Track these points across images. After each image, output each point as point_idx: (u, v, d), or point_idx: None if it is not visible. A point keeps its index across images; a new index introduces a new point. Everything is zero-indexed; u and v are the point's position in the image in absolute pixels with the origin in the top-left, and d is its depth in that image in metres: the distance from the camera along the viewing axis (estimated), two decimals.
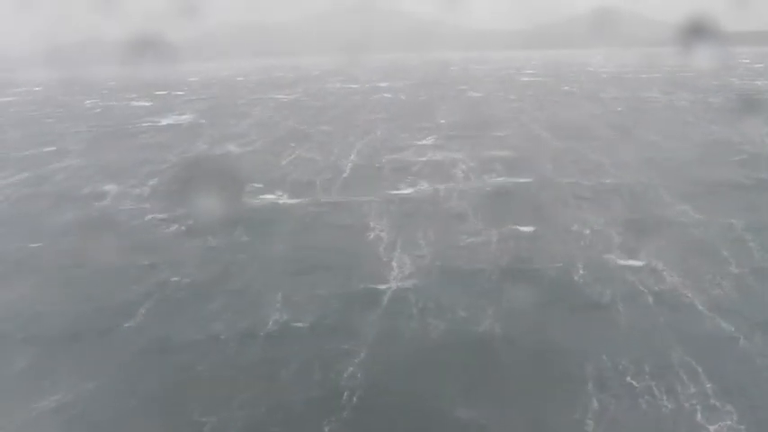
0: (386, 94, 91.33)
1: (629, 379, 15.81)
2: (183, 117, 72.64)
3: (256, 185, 34.93)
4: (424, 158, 42.11)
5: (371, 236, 26.34)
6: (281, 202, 32.03)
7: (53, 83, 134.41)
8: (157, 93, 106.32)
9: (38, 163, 44.65)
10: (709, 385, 15.19)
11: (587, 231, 25.94)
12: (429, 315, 19.03)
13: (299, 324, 18.80)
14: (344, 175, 37.62)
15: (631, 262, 22.60)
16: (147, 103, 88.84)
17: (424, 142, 48.73)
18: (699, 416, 14.33)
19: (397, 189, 33.98)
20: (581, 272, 21.78)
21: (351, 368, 16.45)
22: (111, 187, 35.68)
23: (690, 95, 71.47)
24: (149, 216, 29.93)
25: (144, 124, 66.35)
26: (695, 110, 62.40)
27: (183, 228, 27.78)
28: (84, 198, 34.16)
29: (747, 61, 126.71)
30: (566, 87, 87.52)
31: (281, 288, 21.11)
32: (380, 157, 43.18)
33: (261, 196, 32.99)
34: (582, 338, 17.90)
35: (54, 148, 50.85)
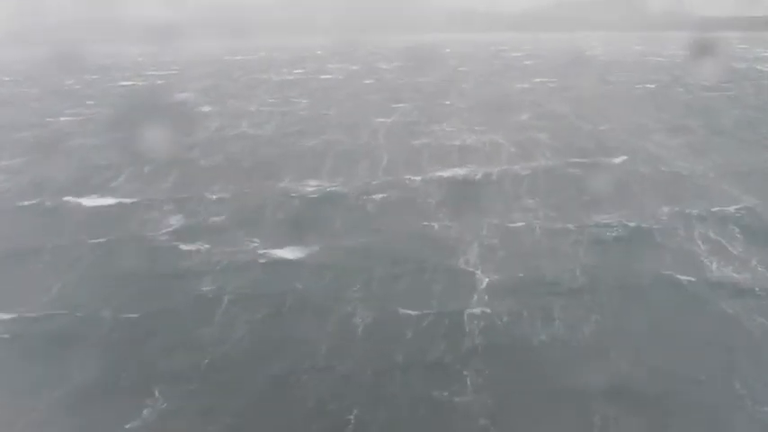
0: (389, 75, 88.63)
1: None
2: (183, 96, 69.35)
3: (295, 176, 31.90)
4: (458, 141, 40.04)
5: (436, 227, 24.23)
6: (328, 190, 29.32)
7: (37, 60, 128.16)
8: (149, 73, 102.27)
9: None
10: None
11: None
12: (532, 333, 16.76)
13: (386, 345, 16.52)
14: (383, 159, 35.25)
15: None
16: (141, 83, 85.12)
17: (450, 124, 46.62)
18: None
19: (446, 172, 31.92)
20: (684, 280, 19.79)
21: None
22: (134, 185, 31.33)
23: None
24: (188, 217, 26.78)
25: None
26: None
27: (236, 228, 24.79)
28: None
29: (745, 46, 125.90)
30: (573, 70, 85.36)
31: (358, 293, 18.93)
32: (412, 139, 41.00)
33: (304, 187, 30.08)
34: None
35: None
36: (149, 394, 14.38)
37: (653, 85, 65.33)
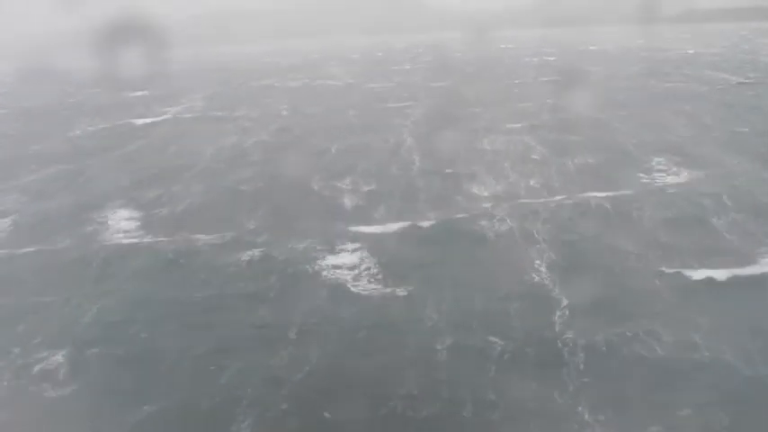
0: (397, 78, 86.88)
1: None
2: (191, 106, 67.70)
3: (331, 188, 30.41)
4: (488, 146, 38.62)
5: (495, 245, 22.70)
6: (374, 210, 26.97)
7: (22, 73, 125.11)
8: (145, 83, 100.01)
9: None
10: None
11: None
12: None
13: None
14: (418, 170, 33.56)
15: None
16: (142, 93, 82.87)
17: (474, 125, 45.28)
18: None
19: (489, 181, 30.47)
20: None
21: None
22: (165, 206, 28.91)
23: None
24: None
25: (149, 116, 60.93)
26: None
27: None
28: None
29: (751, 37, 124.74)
30: (585, 67, 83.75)
31: (435, 324, 17.25)
32: (441, 145, 39.53)
33: (341, 199, 28.61)
34: None
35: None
36: (231, 422, 13.61)
37: (671, 84, 63.82)
